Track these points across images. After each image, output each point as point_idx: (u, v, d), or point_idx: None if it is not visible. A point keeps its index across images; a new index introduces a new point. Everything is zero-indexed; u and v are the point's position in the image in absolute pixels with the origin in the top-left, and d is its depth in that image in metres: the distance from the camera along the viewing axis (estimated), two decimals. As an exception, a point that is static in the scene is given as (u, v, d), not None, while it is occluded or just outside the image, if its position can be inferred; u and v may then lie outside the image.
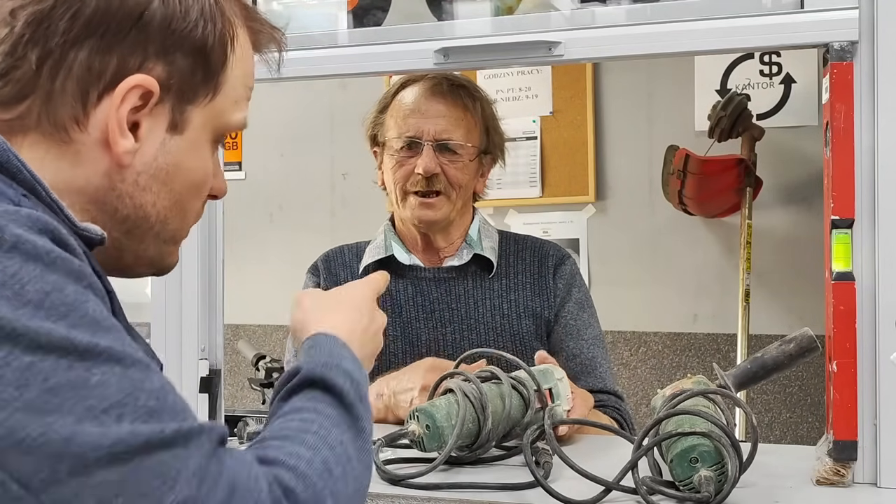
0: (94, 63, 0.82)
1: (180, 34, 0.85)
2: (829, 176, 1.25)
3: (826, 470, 1.23)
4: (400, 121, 1.84)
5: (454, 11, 1.47)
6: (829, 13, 1.25)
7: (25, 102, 0.83)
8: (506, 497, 1.20)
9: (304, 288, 1.92)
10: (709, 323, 2.80)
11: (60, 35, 0.81)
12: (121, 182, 0.87)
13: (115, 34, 0.82)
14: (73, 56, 0.82)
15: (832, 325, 1.23)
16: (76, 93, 0.83)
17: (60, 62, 0.82)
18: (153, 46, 0.84)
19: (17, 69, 0.82)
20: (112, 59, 0.83)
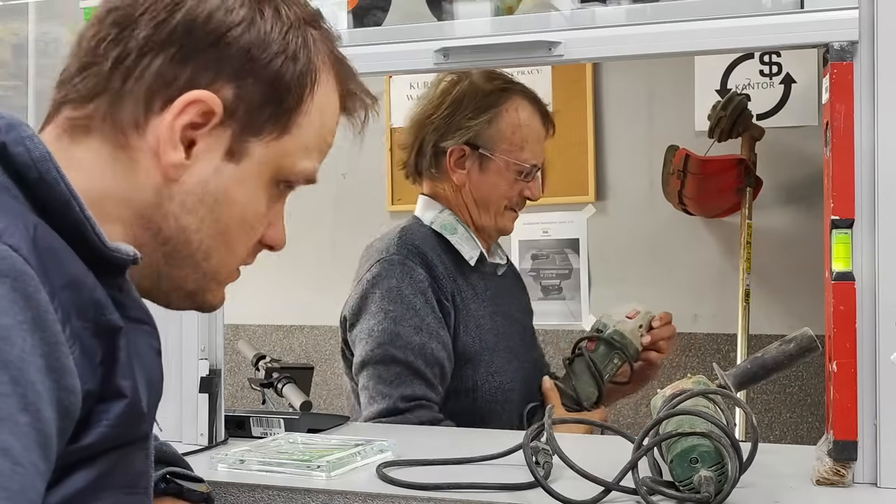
0: (165, 71, 0.84)
1: (257, 62, 0.86)
2: (829, 176, 1.25)
3: (826, 470, 1.23)
4: (525, 143, 1.86)
5: (454, 11, 1.47)
6: (829, 13, 1.25)
7: (95, 101, 0.84)
8: (506, 497, 1.20)
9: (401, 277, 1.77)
10: (709, 323, 2.80)
11: (141, 39, 0.83)
12: (168, 200, 0.86)
13: (192, 48, 0.84)
14: (148, 62, 0.83)
15: (832, 325, 1.23)
16: (141, 96, 0.84)
17: (134, 65, 0.84)
18: (228, 68, 0.85)
19: (95, 65, 0.84)
20: (185, 71, 0.84)
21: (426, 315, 1.76)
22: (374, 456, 1.37)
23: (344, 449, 1.38)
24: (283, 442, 1.45)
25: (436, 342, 1.76)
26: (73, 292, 0.75)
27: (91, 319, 0.76)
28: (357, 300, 1.79)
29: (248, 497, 1.27)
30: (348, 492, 1.24)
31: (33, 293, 0.71)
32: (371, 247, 1.89)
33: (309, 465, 1.30)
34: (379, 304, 1.76)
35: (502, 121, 1.86)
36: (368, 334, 1.75)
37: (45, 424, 0.70)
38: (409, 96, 3.05)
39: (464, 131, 1.83)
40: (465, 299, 1.85)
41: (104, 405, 0.78)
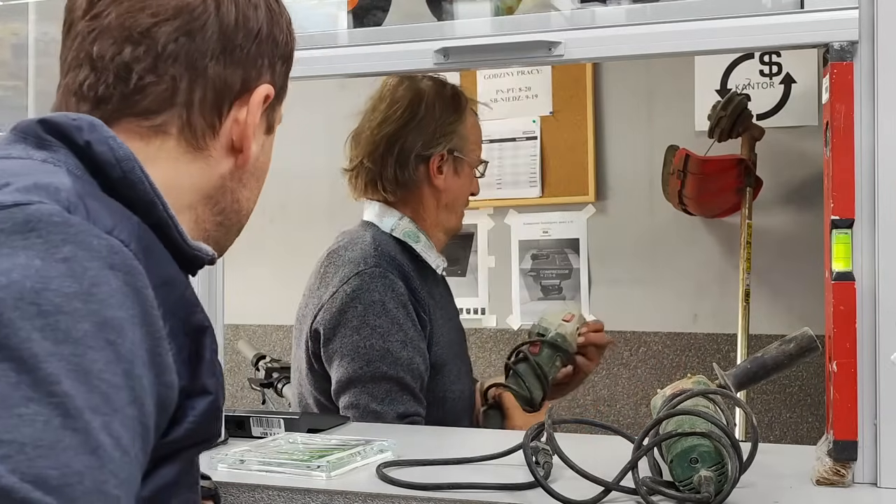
0: (227, 76, 0.91)
1: (281, 45, 0.96)
2: (829, 176, 1.25)
3: (826, 470, 1.23)
4: (480, 140, 1.93)
5: (454, 11, 1.47)
6: (829, 13, 1.25)
7: (168, 112, 0.89)
8: (506, 497, 1.20)
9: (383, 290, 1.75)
10: (709, 323, 2.80)
11: (200, 52, 0.89)
12: (230, 180, 0.95)
13: (240, 50, 0.91)
14: (211, 70, 0.90)
15: (832, 325, 1.23)
16: (213, 103, 0.91)
17: (200, 76, 0.89)
18: (265, 59, 0.94)
19: (157, 84, 0.88)
20: (239, 71, 0.92)
21: (409, 329, 1.75)
22: (374, 456, 1.37)
23: (344, 449, 1.38)
24: (283, 442, 1.45)
25: (419, 356, 1.75)
26: (168, 290, 0.78)
27: (182, 318, 0.79)
28: (334, 314, 1.74)
29: (248, 497, 1.27)
30: (348, 492, 1.24)
31: (142, 288, 0.74)
32: (338, 255, 1.83)
33: (309, 465, 1.30)
34: (362, 318, 1.72)
35: (466, 122, 1.89)
36: (354, 351, 1.71)
37: (148, 418, 0.72)
38: (409, 96, 3.04)
39: (449, 135, 1.85)
40: (433, 309, 1.85)
41: (191, 401, 0.81)
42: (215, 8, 0.90)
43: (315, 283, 1.84)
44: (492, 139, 2.99)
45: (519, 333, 2.95)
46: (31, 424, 0.63)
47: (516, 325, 2.96)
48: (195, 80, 0.89)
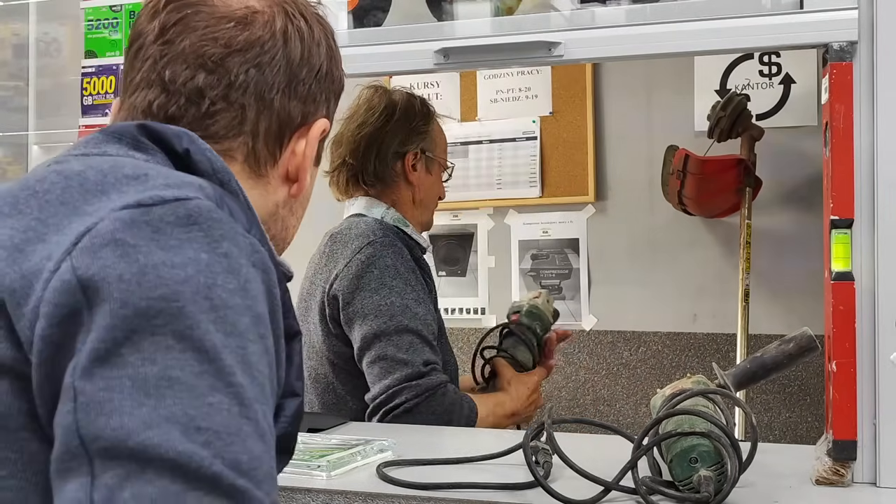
0: (291, 109, 0.94)
1: (336, 83, 1.00)
2: (828, 176, 1.25)
3: (826, 470, 1.23)
4: (445, 150, 2.14)
5: (454, 12, 1.47)
6: (828, 13, 1.25)
7: (235, 139, 0.92)
8: (506, 497, 1.20)
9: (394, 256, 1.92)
10: (708, 323, 2.80)
11: (268, 84, 0.92)
12: (283, 208, 0.98)
13: (303, 84, 0.95)
14: (277, 103, 0.93)
15: (832, 325, 1.23)
16: (276, 134, 0.94)
17: (266, 108, 0.93)
18: (324, 94, 0.98)
19: (227, 111, 0.91)
20: (300, 105, 0.95)
21: (420, 290, 1.92)
22: (374, 456, 1.37)
23: (344, 449, 1.38)
24: (284, 442, 1.45)
25: (430, 314, 1.92)
26: (274, 295, 0.79)
27: (280, 322, 0.81)
28: (352, 279, 1.88)
29: (249, 497, 1.27)
30: (348, 492, 1.24)
31: (272, 288, 0.77)
32: (342, 235, 1.99)
33: (309, 464, 1.30)
34: (379, 280, 1.87)
35: (436, 127, 2.10)
36: (376, 309, 1.84)
37: (269, 415, 0.74)
38: (409, 96, 3.05)
39: (422, 136, 2.04)
40: (428, 281, 2.03)
41: (283, 401, 0.84)
42: (283, 44, 0.93)
43: (321, 262, 1.99)
44: (492, 139, 2.99)
45: (519, 333, 2.95)
46: (220, 413, 0.66)
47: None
48: (262, 111, 0.93)
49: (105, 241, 0.70)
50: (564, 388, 2.90)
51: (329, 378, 1.95)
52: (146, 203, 0.73)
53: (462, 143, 3.00)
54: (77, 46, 1.77)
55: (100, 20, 1.67)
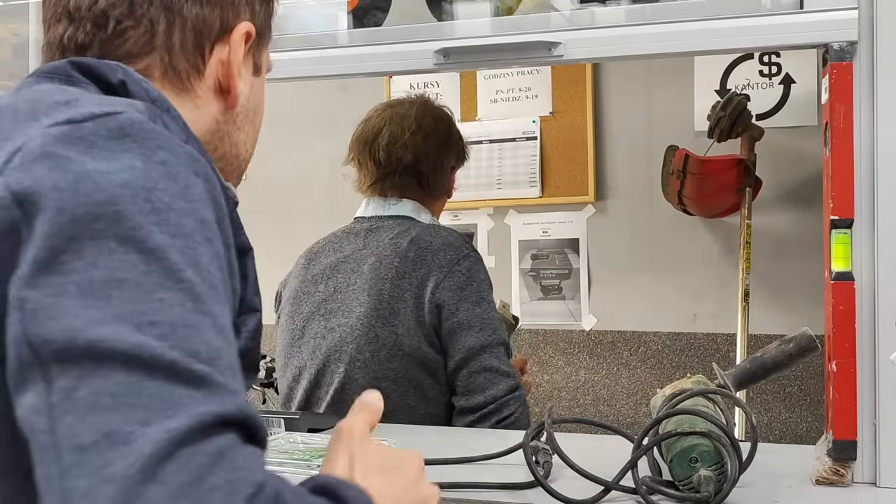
0: (205, 16, 0.91)
1: None
2: (828, 176, 1.25)
3: (825, 469, 1.23)
4: None
5: (454, 12, 1.47)
6: (828, 13, 1.25)
7: (149, 56, 0.90)
8: (506, 497, 1.20)
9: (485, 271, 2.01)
10: (708, 323, 2.80)
11: None
12: (224, 123, 0.96)
13: None
14: (188, 11, 0.90)
15: (832, 325, 1.23)
16: (194, 45, 0.91)
17: (177, 18, 0.90)
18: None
19: (135, 28, 0.89)
20: (216, 11, 0.92)
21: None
22: (375, 455, 1.37)
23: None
24: (283, 442, 1.46)
25: None
26: (219, 205, 0.78)
27: (230, 232, 0.79)
28: (455, 290, 1.95)
29: (249, 497, 1.27)
30: (348, 491, 1.24)
31: (217, 197, 0.76)
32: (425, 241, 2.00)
33: (309, 464, 1.30)
34: (479, 293, 1.97)
35: None
36: (481, 321, 1.94)
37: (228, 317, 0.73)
38: (410, 96, 3.05)
39: (464, 154, 2.16)
40: None
41: (242, 318, 0.83)
42: None
43: (403, 266, 1.98)
44: (492, 139, 2.99)
45: (519, 333, 2.95)
46: (171, 308, 0.65)
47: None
48: (173, 22, 0.90)
49: (36, 156, 0.69)
50: (564, 388, 2.91)
51: (418, 379, 1.94)
52: (76, 119, 0.72)
53: (462, 143, 3.00)
54: (77, 46, 1.77)
55: (100, 20, 1.67)
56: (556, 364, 2.92)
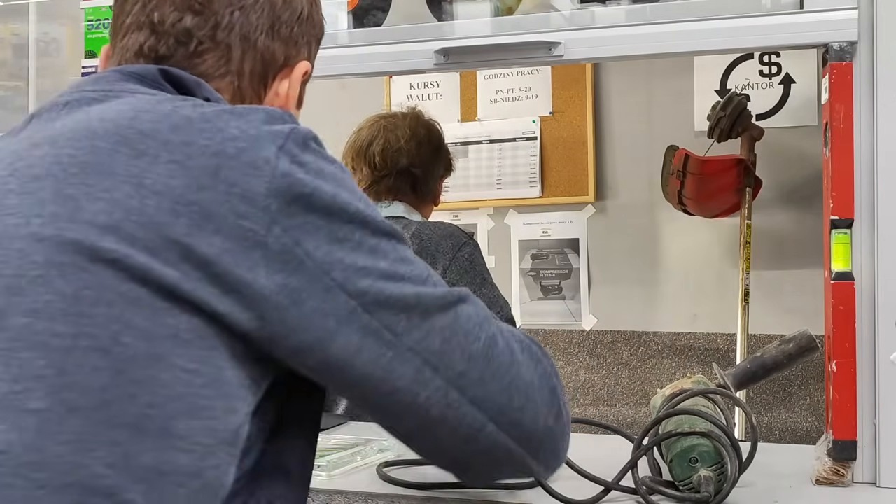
0: (274, 50, 0.99)
1: (317, 27, 1.05)
2: (828, 176, 1.25)
3: (825, 470, 1.23)
4: None
5: (454, 12, 1.47)
6: (828, 13, 1.25)
7: (222, 80, 0.96)
8: (506, 497, 1.20)
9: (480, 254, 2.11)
10: (708, 323, 2.80)
11: (252, 26, 0.96)
12: None
13: (286, 27, 0.99)
14: (260, 43, 0.97)
15: (832, 325, 1.23)
16: (260, 74, 0.98)
17: (251, 48, 0.97)
18: (305, 37, 1.02)
19: (214, 50, 0.95)
20: (283, 47, 0.99)
21: None
22: (374, 456, 1.37)
23: (344, 449, 1.38)
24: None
25: None
26: None
27: None
28: (462, 273, 2.05)
29: (249, 497, 1.27)
30: (348, 492, 1.24)
31: None
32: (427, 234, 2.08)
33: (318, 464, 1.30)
34: (482, 276, 2.08)
35: None
36: (489, 301, 1.99)
37: None
38: (410, 97, 3.05)
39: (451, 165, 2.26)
40: None
41: None
42: None
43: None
44: (492, 139, 3.00)
45: (519, 333, 2.95)
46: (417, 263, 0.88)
47: (516, 324, 2.96)
48: (247, 51, 0.97)
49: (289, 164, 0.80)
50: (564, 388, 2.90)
51: None
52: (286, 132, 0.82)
53: (462, 143, 3.00)
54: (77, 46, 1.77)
55: (100, 20, 1.67)
56: (556, 364, 2.91)
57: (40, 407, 0.71)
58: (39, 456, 0.70)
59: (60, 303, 0.73)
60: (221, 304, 0.76)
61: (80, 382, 0.72)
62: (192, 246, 0.75)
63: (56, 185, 0.77)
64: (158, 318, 0.74)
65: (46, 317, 0.73)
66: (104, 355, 0.72)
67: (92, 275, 0.74)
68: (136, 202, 0.76)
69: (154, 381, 0.74)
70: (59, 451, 0.70)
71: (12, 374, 0.71)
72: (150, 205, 0.76)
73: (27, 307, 0.73)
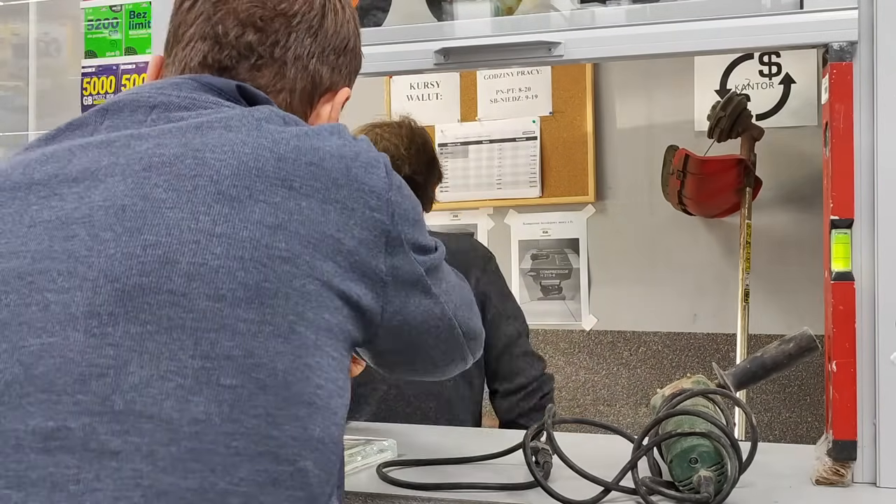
0: (322, 73, 1.06)
1: (358, 58, 1.12)
2: (828, 176, 1.25)
3: (825, 470, 1.23)
4: None
5: (454, 12, 1.47)
6: (828, 13, 1.25)
7: (278, 95, 1.03)
8: (506, 497, 1.20)
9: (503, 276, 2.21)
10: (708, 323, 2.80)
11: (306, 49, 1.04)
12: None
13: (334, 53, 1.07)
14: (311, 65, 1.04)
15: (832, 325, 1.23)
16: (309, 95, 1.05)
17: (304, 69, 1.04)
18: (348, 66, 1.09)
19: (271, 66, 1.02)
20: (329, 71, 1.06)
21: None
22: (374, 456, 1.37)
23: (344, 449, 1.38)
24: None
25: None
26: None
27: None
28: (492, 284, 2.15)
29: (249, 497, 1.27)
30: (348, 492, 1.24)
31: None
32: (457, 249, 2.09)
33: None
34: (507, 287, 2.21)
35: None
36: (516, 310, 2.18)
37: None
38: (410, 97, 3.05)
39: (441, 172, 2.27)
40: None
41: None
42: (321, 17, 1.05)
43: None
44: (492, 139, 3.00)
45: (519, 333, 2.95)
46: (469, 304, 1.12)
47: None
48: (300, 70, 1.04)
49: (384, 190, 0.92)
50: (564, 388, 2.91)
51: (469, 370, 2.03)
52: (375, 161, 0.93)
53: (462, 143, 3.00)
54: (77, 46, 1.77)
55: (100, 20, 1.67)
56: (556, 364, 2.92)
57: (234, 383, 0.80)
58: (235, 427, 0.80)
59: (243, 292, 0.82)
60: (357, 289, 0.89)
61: (267, 364, 0.82)
62: (342, 239, 0.88)
63: (213, 187, 0.85)
64: (321, 311, 0.86)
65: (231, 303, 0.82)
66: (284, 341, 0.83)
67: (270, 270, 0.83)
68: (293, 203, 0.86)
69: (319, 366, 0.85)
70: (252, 423, 0.80)
71: (202, 351, 0.80)
72: (303, 205, 0.86)
73: (211, 293, 0.81)
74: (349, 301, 0.89)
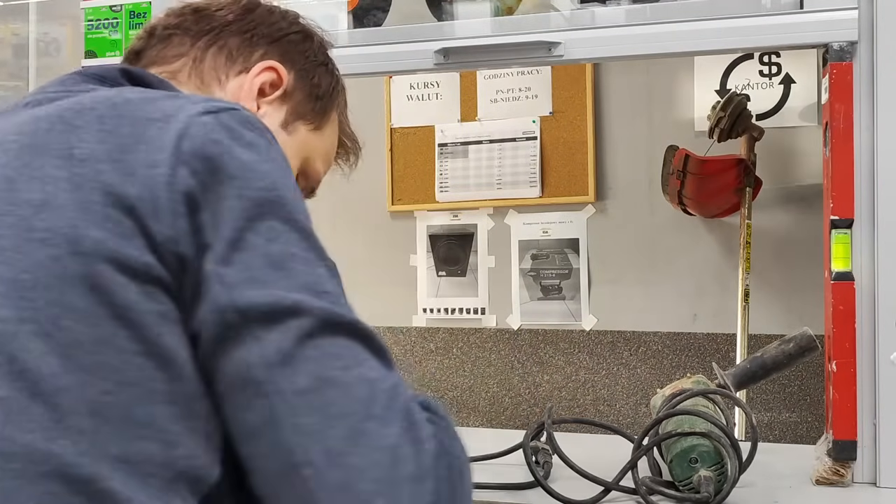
0: (242, 46, 1.01)
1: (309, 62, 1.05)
2: (828, 176, 1.25)
3: (825, 469, 1.23)
4: None
5: (454, 12, 1.47)
6: (828, 13, 1.25)
7: (179, 61, 0.99)
8: (506, 497, 1.20)
9: None
10: (708, 323, 2.80)
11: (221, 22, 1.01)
12: None
13: (263, 36, 1.02)
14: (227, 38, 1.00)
15: (832, 325, 1.23)
16: (222, 61, 1.00)
17: (215, 39, 1.00)
18: (290, 58, 1.03)
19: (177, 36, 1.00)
20: (258, 50, 1.01)
21: None
22: (375, 456, 1.37)
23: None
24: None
25: None
26: None
27: None
28: None
29: (249, 497, 1.27)
30: (348, 491, 1.23)
31: None
32: None
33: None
34: None
35: None
36: None
37: None
38: (410, 97, 3.05)
39: None
40: None
41: None
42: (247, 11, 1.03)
43: None
44: (492, 139, 2.99)
45: (519, 333, 2.95)
46: (329, 281, 0.76)
47: (516, 324, 2.96)
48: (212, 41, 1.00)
49: (202, 144, 0.76)
50: (564, 388, 2.90)
51: None
52: (212, 110, 0.79)
53: (462, 143, 3.00)
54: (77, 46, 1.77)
55: (100, 20, 1.67)
56: (556, 364, 2.92)
57: (1, 395, 0.67)
58: (11, 446, 0.66)
59: (1, 287, 0.70)
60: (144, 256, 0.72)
61: (32, 369, 0.68)
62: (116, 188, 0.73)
63: (1, 171, 0.76)
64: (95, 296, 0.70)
65: None
66: (47, 340, 0.68)
67: (25, 255, 0.71)
68: (65, 172, 0.74)
69: (103, 366, 0.69)
70: (27, 439, 0.67)
71: None
72: (77, 172, 0.74)
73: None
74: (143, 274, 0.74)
